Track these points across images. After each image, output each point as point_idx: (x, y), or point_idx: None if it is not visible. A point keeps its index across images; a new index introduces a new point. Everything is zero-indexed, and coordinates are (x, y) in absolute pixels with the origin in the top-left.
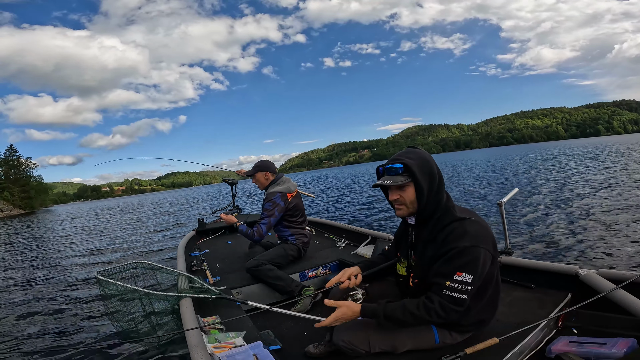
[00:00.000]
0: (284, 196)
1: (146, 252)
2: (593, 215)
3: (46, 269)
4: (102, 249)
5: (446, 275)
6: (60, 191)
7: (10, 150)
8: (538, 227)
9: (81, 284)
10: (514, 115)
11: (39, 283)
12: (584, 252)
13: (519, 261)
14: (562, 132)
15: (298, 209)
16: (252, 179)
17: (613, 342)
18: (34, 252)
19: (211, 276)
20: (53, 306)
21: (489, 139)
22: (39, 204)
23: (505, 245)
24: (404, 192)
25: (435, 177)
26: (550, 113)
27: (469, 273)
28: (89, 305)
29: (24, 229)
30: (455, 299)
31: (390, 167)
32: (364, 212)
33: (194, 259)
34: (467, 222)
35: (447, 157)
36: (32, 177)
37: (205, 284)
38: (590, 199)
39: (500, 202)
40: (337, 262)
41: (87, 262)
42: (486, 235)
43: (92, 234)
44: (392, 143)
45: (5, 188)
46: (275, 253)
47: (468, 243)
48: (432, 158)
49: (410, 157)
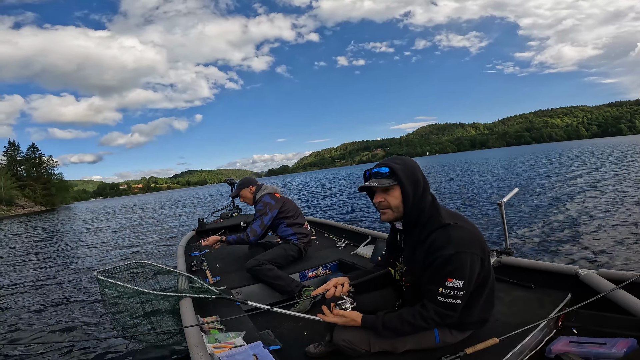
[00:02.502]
0: (273, 195)
1: (146, 252)
2: (593, 215)
3: (48, 268)
4: (102, 249)
5: (437, 282)
6: (80, 189)
7: (31, 149)
8: (538, 227)
9: (81, 284)
10: (533, 114)
11: (40, 282)
12: (584, 252)
13: (519, 261)
14: (583, 131)
15: (291, 206)
16: (240, 198)
17: (613, 342)
18: (40, 250)
19: (211, 276)
20: (53, 306)
21: (506, 138)
22: (59, 201)
23: (505, 245)
24: (388, 195)
25: (420, 182)
26: (570, 112)
27: (458, 279)
28: (89, 305)
29: (32, 227)
30: (449, 304)
31: (376, 170)
32: (366, 211)
33: (194, 259)
34: (450, 228)
35: (458, 157)
36: (53, 174)
37: (205, 284)
38: (590, 199)
39: (500, 202)
40: (337, 262)
41: (88, 261)
42: (471, 239)
43: (98, 232)
44: (405, 142)
45: (26, 185)
46: (276, 253)
47: (453, 250)
48: (417, 164)
49: (396, 162)
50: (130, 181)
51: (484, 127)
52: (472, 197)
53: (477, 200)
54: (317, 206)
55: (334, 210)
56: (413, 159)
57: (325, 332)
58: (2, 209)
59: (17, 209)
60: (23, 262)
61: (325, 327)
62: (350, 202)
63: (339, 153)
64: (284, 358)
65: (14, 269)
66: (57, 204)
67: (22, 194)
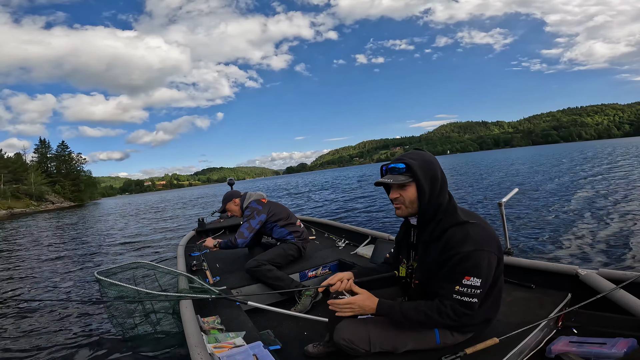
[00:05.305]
0: (259, 201)
1: (146, 252)
2: (593, 215)
3: (49, 267)
4: (103, 248)
5: (455, 280)
6: (107, 185)
7: (61, 147)
8: (538, 227)
9: (81, 283)
10: (561, 112)
11: (41, 280)
12: (584, 252)
13: (519, 261)
14: (614, 130)
15: (280, 209)
16: (228, 213)
17: (613, 342)
18: (49, 246)
19: (211, 276)
20: (53, 305)
21: (532, 137)
22: (87, 197)
23: (505, 245)
24: (404, 191)
25: (438, 179)
26: (601, 110)
27: (476, 277)
28: (89, 304)
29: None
30: (466, 303)
31: (393, 166)
32: (374, 212)
33: (194, 259)
34: (468, 225)
35: (478, 156)
36: (82, 171)
37: (205, 284)
38: (590, 199)
39: (500, 202)
40: (337, 262)
41: (89, 260)
42: (489, 237)
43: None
44: (425, 140)
45: (57, 181)
46: (275, 253)
47: (472, 247)
48: (436, 160)
49: (413, 157)
50: (154, 178)
51: (508, 125)
52: (472, 197)
53: (477, 200)
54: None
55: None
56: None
57: (324, 332)
58: (33, 204)
59: (47, 205)
60: (24, 259)
61: (325, 327)
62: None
63: (357, 151)
64: (284, 358)
65: (15, 265)
66: (86, 199)
67: (52, 190)
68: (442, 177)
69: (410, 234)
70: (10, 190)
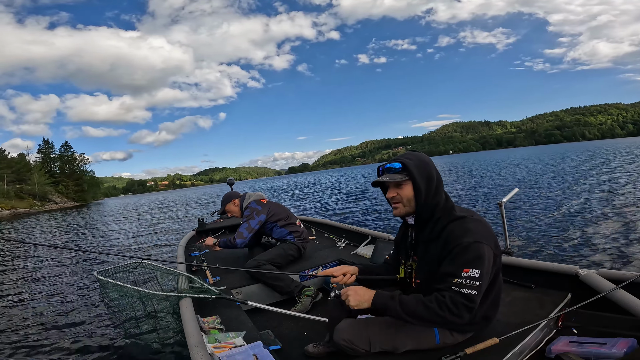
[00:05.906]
0: (259, 202)
1: (146, 252)
2: (593, 215)
3: (50, 267)
4: (104, 248)
5: (454, 272)
6: (110, 185)
7: (65, 147)
8: (538, 226)
9: (81, 283)
10: (564, 111)
11: (41, 280)
12: (584, 252)
13: (519, 261)
14: (617, 129)
15: (280, 209)
16: (228, 214)
17: (613, 342)
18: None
19: (211, 276)
20: (53, 305)
21: (535, 137)
22: (91, 197)
23: (505, 245)
24: (401, 189)
25: (433, 178)
26: (604, 109)
27: (476, 268)
28: (90, 305)
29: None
30: (465, 295)
31: (389, 166)
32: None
33: (194, 259)
34: (467, 219)
35: (480, 156)
36: (85, 171)
37: (205, 284)
38: (590, 199)
39: (501, 202)
40: (337, 262)
41: (89, 260)
42: (488, 232)
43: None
44: (427, 140)
45: (60, 182)
46: (275, 253)
47: (471, 239)
48: (431, 161)
49: (408, 157)
50: (156, 178)
51: (511, 125)
52: (472, 197)
53: (477, 200)
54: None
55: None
56: (434, 157)
57: (324, 332)
58: (36, 204)
59: (50, 205)
60: (25, 258)
61: (325, 327)
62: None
63: (359, 151)
64: (284, 358)
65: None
66: (89, 199)
67: (56, 190)
68: (438, 177)
69: (409, 235)
70: (13, 190)
